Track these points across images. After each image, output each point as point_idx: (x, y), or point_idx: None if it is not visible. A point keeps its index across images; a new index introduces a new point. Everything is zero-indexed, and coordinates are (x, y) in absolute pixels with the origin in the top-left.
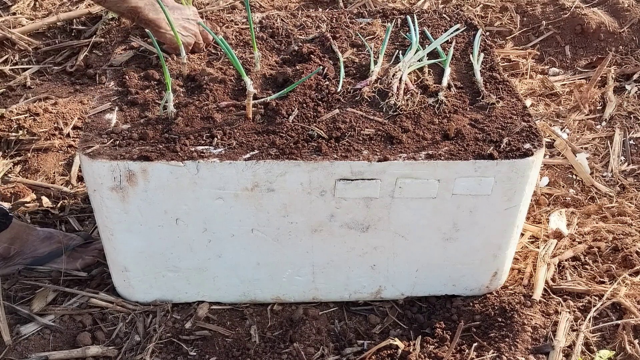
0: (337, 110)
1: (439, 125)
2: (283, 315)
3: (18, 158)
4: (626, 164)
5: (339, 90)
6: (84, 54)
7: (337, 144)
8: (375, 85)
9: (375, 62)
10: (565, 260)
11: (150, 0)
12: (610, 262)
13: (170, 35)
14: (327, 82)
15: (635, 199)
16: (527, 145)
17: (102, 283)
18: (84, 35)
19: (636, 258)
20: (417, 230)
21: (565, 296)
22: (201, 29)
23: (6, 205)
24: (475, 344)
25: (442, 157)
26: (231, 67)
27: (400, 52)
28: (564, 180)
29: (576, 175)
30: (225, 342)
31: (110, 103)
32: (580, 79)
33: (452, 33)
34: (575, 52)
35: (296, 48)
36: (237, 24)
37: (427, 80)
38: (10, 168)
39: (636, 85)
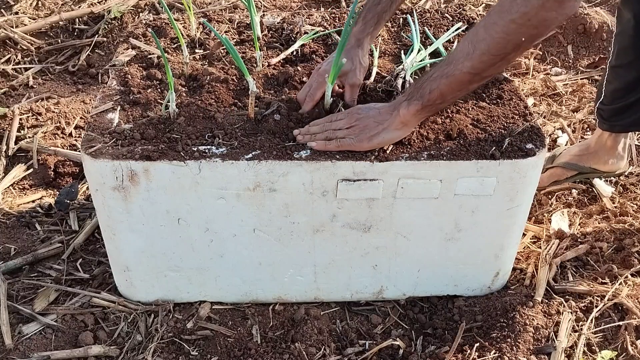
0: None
1: (441, 125)
2: (285, 315)
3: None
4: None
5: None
6: (86, 53)
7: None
8: (380, 85)
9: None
10: (567, 261)
11: None
12: (612, 262)
13: None
14: None
15: (637, 200)
16: (529, 145)
17: (104, 283)
18: (86, 34)
19: (638, 258)
20: (419, 231)
21: (567, 296)
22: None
23: None
24: (477, 345)
25: (444, 157)
26: (233, 66)
27: (402, 51)
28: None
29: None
30: (227, 342)
31: (112, 102)
32: (582, 78)
33: (452, 32)
34: (578, 51)
35: (298, 47)
36: (239, 24)
37: None
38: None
39: None
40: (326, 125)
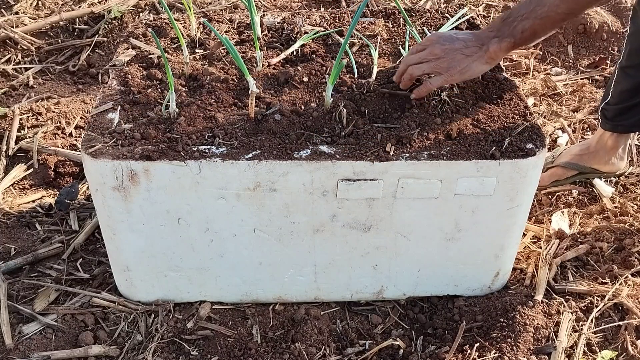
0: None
1: (441, 125)
2: (285, 315)
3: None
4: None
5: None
6: (87, 53)
7: (340, 143)
8: (384, 86)
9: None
10: (568, 261)
11: None
12: (612, 262)
13: None
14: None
15: (638, 200)
16: (530, 145)
17: (104, 282)
18: (86, 34)
19: (638, 258)
20: (419, 231)
21: (567, 296)
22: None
23: None
24: (477, 345)
25: (445, 157)
26: (233, 66)
27: (403, 50)
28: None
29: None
30: (227, 342)
31: (112, 102)
32: (582, 78)
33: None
34: (578, 51)
35: (298, 47)
36: (239, 24)
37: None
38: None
39: None
40: (408, 60)
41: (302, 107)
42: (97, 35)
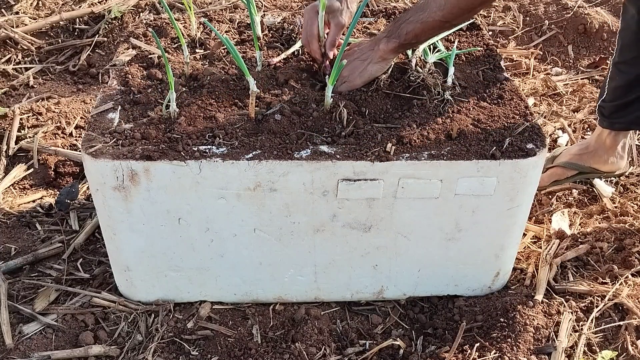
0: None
1: (442, 125)
2: (285, 315)
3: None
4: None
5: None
6: (87, 53)
7: (340, 143)
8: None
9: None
10: (568, 261)
11: None
12: (612, 262)
13: None
14: None
15: (638, 200)
16: (530, 145)
17: (105, 282)
18: (86, 34)
19: (638, 258)
20: (420, 231)
21: (567, 296)
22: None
23: None
24: (477, 345)
25: (445, 157)
26: (233, 66)
27: None
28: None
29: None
30: (227, 342)
31: (112, 102)
32: (582, 78)
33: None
34: (578, 51)
35: (298, 47)
36: (240, 23)
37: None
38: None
39: None
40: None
41: (302, 107)
42: (97, 35)
